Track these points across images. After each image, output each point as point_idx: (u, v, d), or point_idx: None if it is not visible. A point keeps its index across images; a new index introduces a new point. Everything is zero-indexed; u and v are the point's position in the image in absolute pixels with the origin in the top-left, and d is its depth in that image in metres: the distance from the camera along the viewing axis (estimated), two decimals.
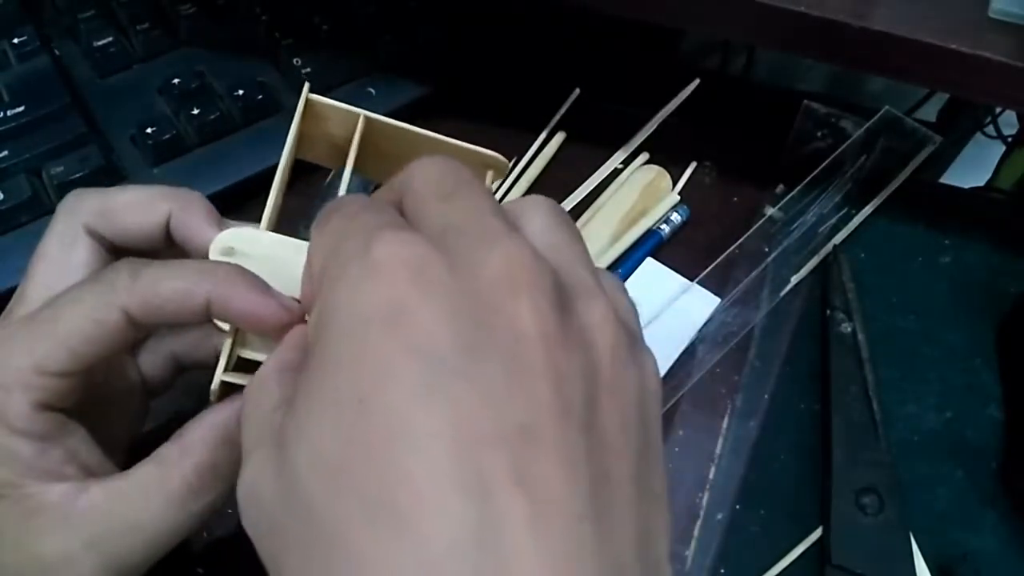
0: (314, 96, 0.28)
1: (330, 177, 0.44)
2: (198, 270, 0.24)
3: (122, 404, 0.28)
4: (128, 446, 0.28)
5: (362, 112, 0.28)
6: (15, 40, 0.45)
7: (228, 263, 0.25)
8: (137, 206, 0.26)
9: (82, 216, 0.26)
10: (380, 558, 0.15)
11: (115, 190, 0.27)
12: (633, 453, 0.18)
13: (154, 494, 0.23)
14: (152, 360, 0.29)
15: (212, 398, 0.25)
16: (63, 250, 0.26)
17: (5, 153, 0.40)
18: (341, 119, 0.28)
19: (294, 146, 0.28)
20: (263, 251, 0.25)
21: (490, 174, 0.30)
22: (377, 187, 0.36)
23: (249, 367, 0.24)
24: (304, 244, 0.25)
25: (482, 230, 0.18)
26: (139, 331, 0.24)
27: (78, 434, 0.24)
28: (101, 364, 0.24)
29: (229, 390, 0.25)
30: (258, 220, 0.26)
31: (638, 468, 0.18)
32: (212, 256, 0.25)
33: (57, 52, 0.46)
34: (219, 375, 0.24)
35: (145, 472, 0.24)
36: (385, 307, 0.17)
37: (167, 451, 0.24)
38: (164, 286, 0.23)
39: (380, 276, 0.17)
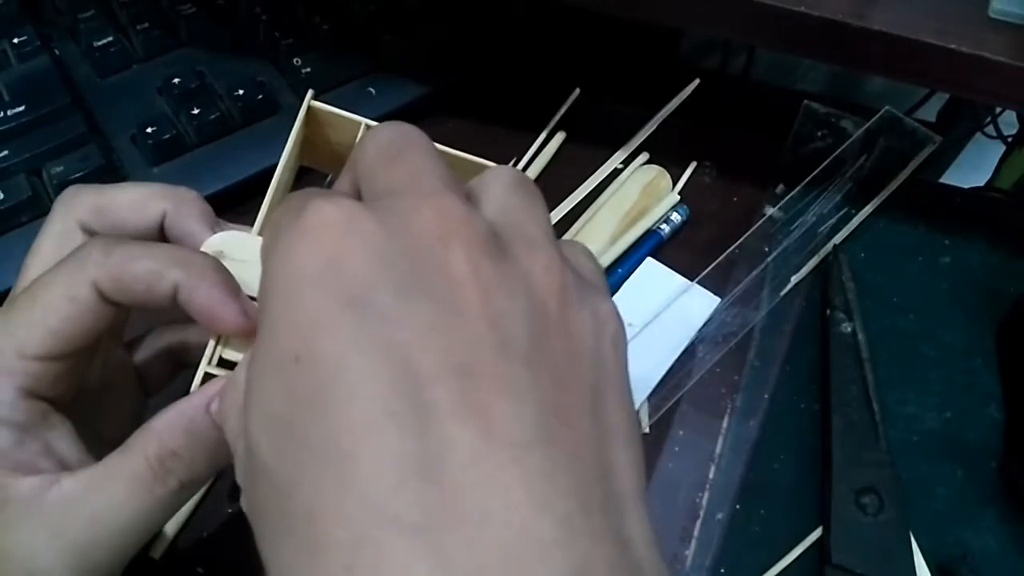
0: (316, 103, 0.28)
1: (328, 179, 0.45)
2: (172, 256, 0.24)
3: (117, 400, 0.28)
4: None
5: (364, 120, 0.28)
6: (15, 40, 0.45)
7: (207, 256, 0.25)
8: (133, 204, 0.26)
9: (77, 213, 0.26)
10: (329, 507, 0.15)
11: (112, 187, 0.27)
12: (587, 389, 0.18)
13: (116, 481, 0.23)
14: (149, 357, 0.29)
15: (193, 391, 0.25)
16: (57, 248, 0.26)
17: (5, 153, 0.40)
18: (343, 126, 0.28)
19: (294, 152, 0.28)
20: (254, 256, 0.25)
21: None
22: None
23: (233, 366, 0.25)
24: None
25: (418, 187, 0.18)
26: (114, 310, 0.24)
27: (60, 427, 0.24)
28: (87, 350, 0.24)
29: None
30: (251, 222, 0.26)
31: (593, 403, 0.17)
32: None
33: (57, 52, 0.46)
34: (203, 368, 0.24)
35: (110, 461, 0.23)
36: (316, 264, 0.17)
37: (132, 439, 0.24)
38: (135, 265, 0.23)
39: (309, 236, 0.17)
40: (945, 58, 0.35)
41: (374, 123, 0.28)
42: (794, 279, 0.42)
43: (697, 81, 0.49)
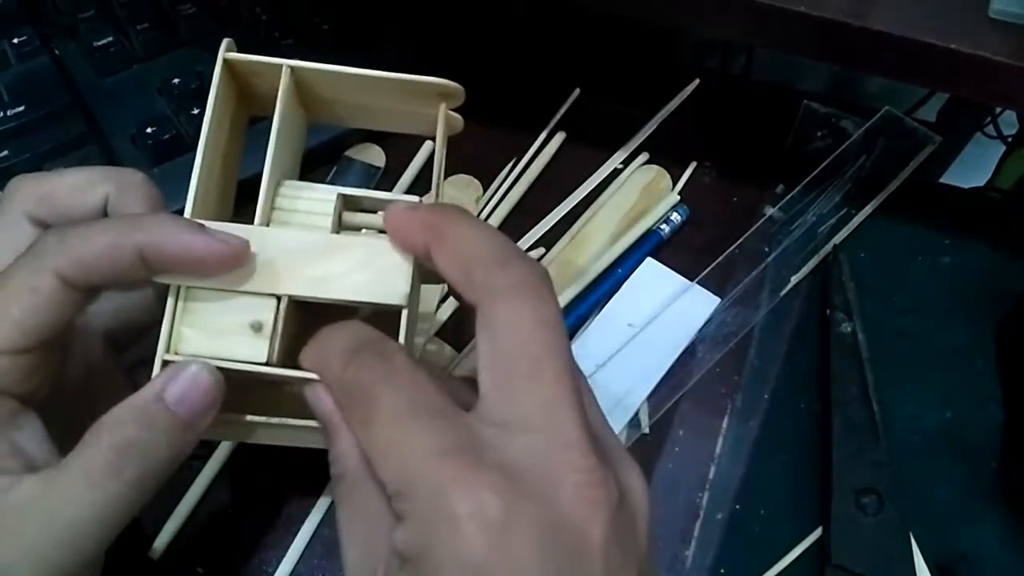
0: (233, 55, 0.27)
1: (334, 172, 0.45)
2: (125, 222, 0.24)
3: (101, 406, 0.28)
4: None
5: (285, 62, 0.27)
6: (15, 40, 0.45)
7: (160, 214, 0.25)
8: (75, 190, 0.26)
9: (22, 203, 0.26)
10: None
11: (55, 173, 0.27)
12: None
13: (71, 478, 0.23)
14: (140, 363, 0.29)
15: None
16: (5, 240, 0.25)
17: (5, 153, 0.40)
18: (269, 74, 0.28)
19: (217, 115, 0.27)
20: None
21: (443, 109, 0.30)
22: (380, 173, 0.35)
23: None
24: (241, 226, 0.25)
25: (559, 440, 0.21)
26: (80, 297, 0.24)
27: (29, 427, 0.24)
28: (54, 343, 0.24)
29: None
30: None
31: None
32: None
33: (57, 52, 0.46)
34: (160, 356, 0.24)
35: (65, 459, 0.23)
36: (474, 569, 0.19)
37: (87, 435, 0.23)
38: (93, 243, 0.23)
39: (469, 533, 0.19)
40: (945, 58, 0.35)
41: (299, 63, 0.28)
42: (794, 279, 0.42)
43: (697, 81, 0.49)
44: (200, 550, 0.34)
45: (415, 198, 0.27)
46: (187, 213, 0.25)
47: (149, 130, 0.42)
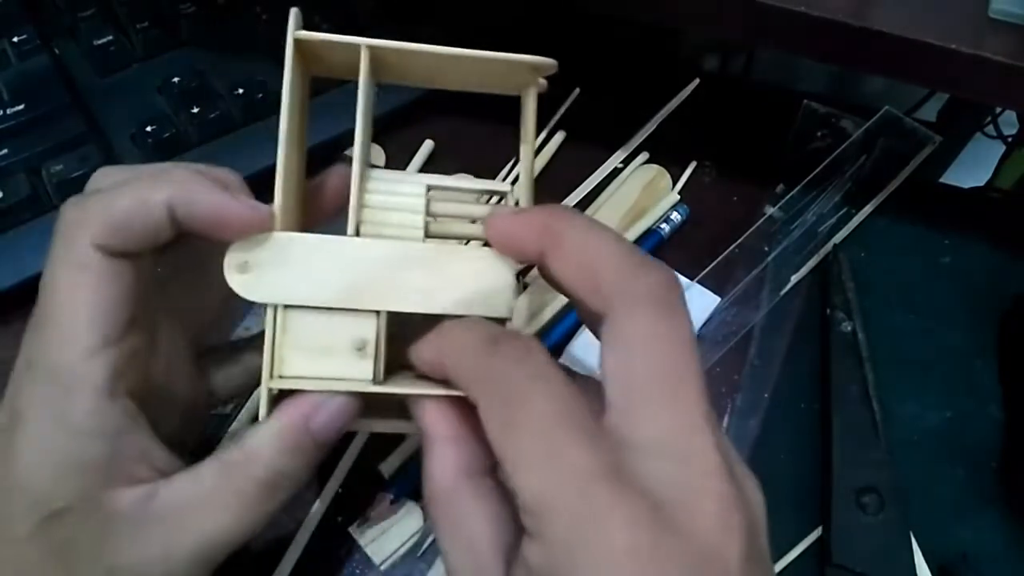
0: (304, 34, 0.25)
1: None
2: (151, 176, 0.23)
3: (184, 407, 0.27)
4: (188, 452, 0.26)
5: (363, 41, 0.25)
6: (15, 39, 0.45)
7: (185, 167, 0.24)
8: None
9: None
10: None
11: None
12: None
13: (224, 501, 0.23)
14: (230, 372, 0.29)
15: (262, 408, 0.24)
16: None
17: (5, 152, 0.40)
18: (343, 53, 0.26)
19: (293, 100, 0.25)
20: (284, 256, 0.24)
21: (533, 90, 0.28)
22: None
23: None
24: (333, 239, 0.24)
25: (699, 467, 0.20)
26: (128, 263, 0.23)
27: (146, 429, 0.24)
28: (137, 324, 0.23)
29: (282, 396, 0.24)
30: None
31: None
32: (227, 271, 0.24)
33: (57, 51, 0.46)
34: (265, 383, 0.24)
35: (214, 476, 0.23)
36: None
37: (228, 455, 0.23)
38: (117, 205, 0.22)
39: (620, 566, 0.18)
40: (945, 58, 0.35)
41: (377, 42, 0.25)
42: (794, 279, 0.42)
43: (697, 81, 0.50)
44: None
45: (507, 186, 0.27)
46: (276, 203, 0.24)
47: (149, 129, 0.42)
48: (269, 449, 0.24)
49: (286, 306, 0.24)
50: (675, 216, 0.44)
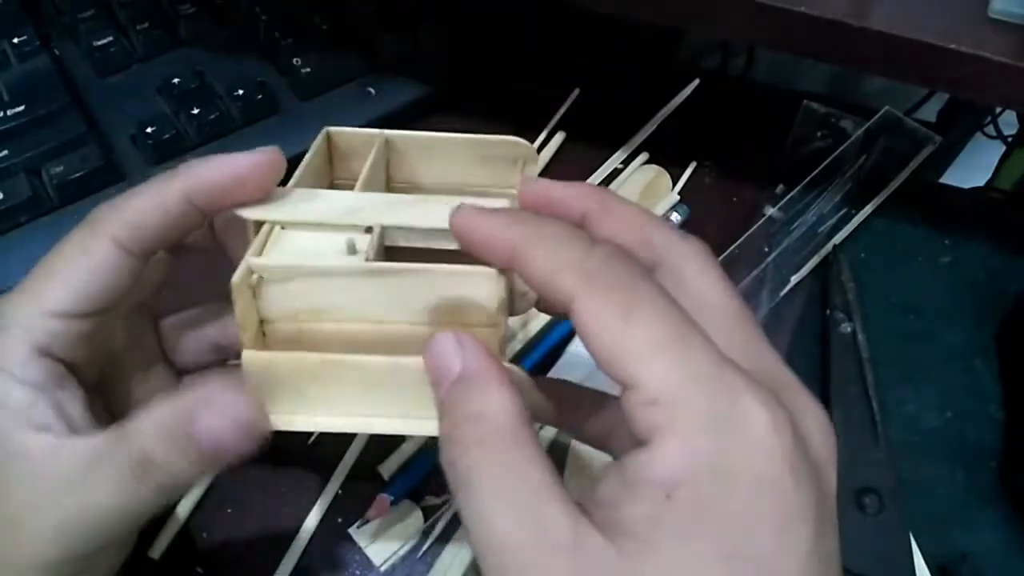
0: (336, 129, 0.28)
1: None
2: (165, 175, 0.24)
3: (144, 381, 0.28)
4: None
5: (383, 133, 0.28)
6: (15, 40, 0.45)
7: (197, 161, 0.25)
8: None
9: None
10: None
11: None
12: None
13: (110, 467, 0.23)
14: (190, 345, 0.29)
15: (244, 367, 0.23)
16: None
17: (5, 153, 0.40)
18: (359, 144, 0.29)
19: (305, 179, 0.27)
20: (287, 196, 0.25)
21: (520, 164, 0.30)
22: None
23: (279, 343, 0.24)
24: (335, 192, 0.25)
25: (800, 393, 0.21)
26: (136, 260, 0.24)
27: (74, 392, 0.24)
28: (107, 310, 0.24)
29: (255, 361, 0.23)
30: None
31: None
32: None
33: (57, 52, 0.46)
34: (247, 259, 0.22)
35: (108, 445, 0.23)
36: (772, 484, 0.18)
37: (130, 426, 0.23)
38: (136, 202, 0.24)
39: (768, 448, 0.18)
40: (945, 58, 0.35)
41: (391, 132, 0.28)
42: (794, 279, 0.42)
43: (697, 81, 0.50)
44: (200, 550, 0.34)
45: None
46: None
47: (149, 130, 0.42)
48: (144, 434, 0.23)
49: (284, 222, 0.24)
50: (675, 216, 0.44)
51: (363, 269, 0.22)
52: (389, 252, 0.25)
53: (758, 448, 0.18)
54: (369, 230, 0.24)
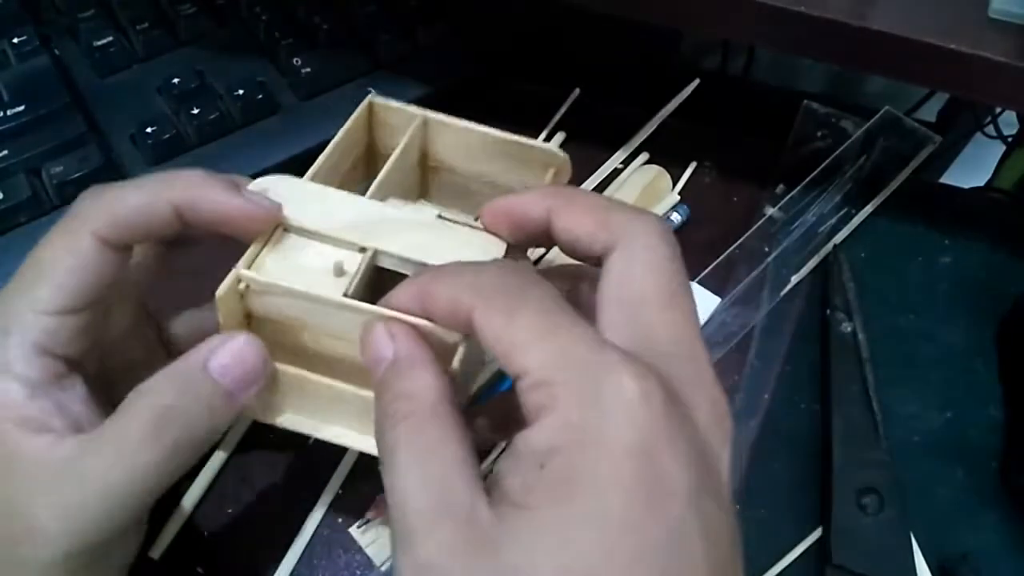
0: (378, 100, 0.30)
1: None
2: (159, 179, 0.25)
3: (141, 370, 0.27)
4: None
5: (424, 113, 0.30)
6: (15, 40, 0.45)
7: (192, 171, 0.25)
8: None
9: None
10: None
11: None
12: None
13: (106, 443, 0.23)
14: (183, 334, 0.30)
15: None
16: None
17: (5, 153, 0.40)
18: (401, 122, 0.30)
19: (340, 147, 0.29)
20: (299, 192, 0.26)
21: (551, 172, 0.31)
22: None
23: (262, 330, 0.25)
24: (347, 196, 0.27)
25: (702, 374, 0.22)
26: (120, 256, 0.25)
27: (74, 389, 0.24)
28: (97, 303, 0.24)
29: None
30: None
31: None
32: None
33: (57, 52, 0.46)
34: (239, 268, 0.25)
35: (106, 423, 0.23)
36: (639, 450, 0.19)
37: (125, 401, 0.24)
38: (126, 201, 0.24)
39: (635, 416, 0.19)
40: (945, 58, 0.35)
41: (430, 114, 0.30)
42: (794, 279, 0.42)
43: (697, 81, 0.49)
44: (200, 550, 0.34)
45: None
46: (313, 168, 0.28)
47: (149, 130, 0.42)
48: (155, 386, 0.24)
49: (284, 229, 0.26)
50: (675, 216, 0.44)
51: (336, 303, 0.24)
52: (379, 272, 0.26)
53: (626, 418, 0.19)
54: (364, 250, 0.26)
